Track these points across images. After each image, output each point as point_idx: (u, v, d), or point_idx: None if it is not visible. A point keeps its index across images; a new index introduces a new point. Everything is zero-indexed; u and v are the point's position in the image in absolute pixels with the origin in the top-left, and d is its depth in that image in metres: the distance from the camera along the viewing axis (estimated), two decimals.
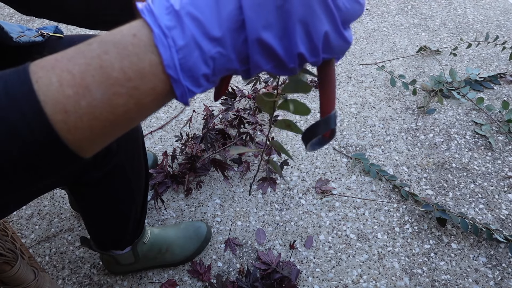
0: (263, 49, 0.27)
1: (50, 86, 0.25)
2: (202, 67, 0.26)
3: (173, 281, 0.97)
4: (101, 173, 0.67)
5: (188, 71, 0.26)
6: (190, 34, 0.25)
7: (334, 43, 0.28)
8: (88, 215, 0.79)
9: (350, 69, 1.57)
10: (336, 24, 0.27)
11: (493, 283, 0.97)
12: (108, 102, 0.25)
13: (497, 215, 1.10)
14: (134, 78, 0.25)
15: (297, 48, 0.27)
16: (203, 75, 0.27)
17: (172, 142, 1.31)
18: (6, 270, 0.63)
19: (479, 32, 1.74)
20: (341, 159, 1.25)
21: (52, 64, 0.25)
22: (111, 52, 0.25)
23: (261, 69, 0.28)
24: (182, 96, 0.27)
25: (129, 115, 0.27)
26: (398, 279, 0.98)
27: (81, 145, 0.26)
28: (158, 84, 0.26)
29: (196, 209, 1.12)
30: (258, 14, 0.25)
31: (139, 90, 0.26)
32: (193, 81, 0.27)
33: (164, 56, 0.25)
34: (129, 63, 0.25)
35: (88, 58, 0.25)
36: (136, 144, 0.73)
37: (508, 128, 1.31)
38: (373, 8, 1.90)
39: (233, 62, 0.27)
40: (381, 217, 1.10)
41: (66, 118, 0.25)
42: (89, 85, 0.25)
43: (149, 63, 0.25)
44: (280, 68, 0.28)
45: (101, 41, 0.26)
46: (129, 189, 0.75)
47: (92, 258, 1.02)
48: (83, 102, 0.25)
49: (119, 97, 0.26)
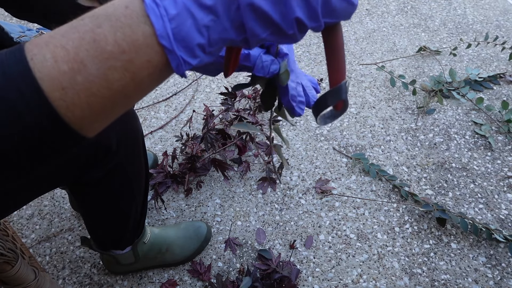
0: (258, 15, 0.26)
1: (44, 62, 0.24)
2: (196, 36, 0.25)
3: (173, 281, 0.97)
4: (102, 172, 0.67)
5: (182, 41, 0.25)
6: (181, 2, 0.25)
7: (335, 5, 0.26)
8: (89, 215, 0.79)
9: (350, 69, 1.57)
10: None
11: (493, 282, 0.97)
12: (104, 77, 0.25)
13: (496, 215, 1.10)
14: (128, 51, 0.25)
15: (294, 13, 0.25)
16: (198, 44, 0.26)
17: (172, 142, 1.31)
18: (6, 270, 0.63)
19: (478, 32, 1.74)
20: (341, 159, 1.25)
21: (46, 40, 0.25)
22: (104, 25, 0.25)
23: (259, 37, 0.27)
24: (177, 67, 0.26)
25: (127, 91, 0.26)
26: (398, 279, 0.98)
27: (81, 123, 0.26)
28: (153, 56, 0.25)
29: (196, 209, 1.13)
30: None
31: (134, 63, 0.25)
32: (188, 51, 0.26)
33: (156, 26, 0.25)
34: (122, 35, 0.25)
35: (81, 33, 0.25)
36: (136, 144, 0.73)
37: (507, 128, 1.32)
38: (373, 8, 1.90)
39: (228, 31, 0.26)
40: (381, 217, 1.10)
41: (64, 94, 0.24)
42: (83, 59, 0.24)
43: (142, 34, 0.25)
44: (279, 34, 0.27)
45: (93, 15, 0.25)
46: (129, 189, 0.75)
47: (93, 258, 1.03)
48: (79, 78, 0.24)
49: (114, 71, 0.25)
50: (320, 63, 1.60)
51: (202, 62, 0.27)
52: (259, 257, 1.01)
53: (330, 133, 1.33)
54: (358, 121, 1.37)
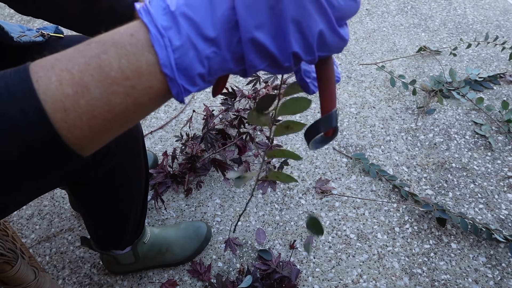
0: (257, 48, 0.27)
1: (50, 85, 0.25)
2: (198, 66, 0.26)
3: (173, 281, 0.97)
4: (101, 173, 0.67)
5: (184, 70, 0.26)
6: (185, 34, 0.26)
7: (329, 41, 0.28)
8: (88, 215, 0.79)
9: (350, 69, 1.57)
10: (331, 22, 0.27)
11: (493, 283, 0.97)
12: (107, 101, 0.26)
13: (496, 215, 1.10)
14: (131, 77, 0.26)
15: (291, 47, 0.27)
16: (199, 74, 0.27)
17: (172, 142, 1.31)
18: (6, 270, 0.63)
19: (478, 32, 1.74)
20: (341, 159, 1.25)
21: (52, 63, 0.26)
22: (109, 52, 0.26)
23: (256, 68, 0.28)
24: (178, 95, 0.27)
25: (127, 114, 0.27)
26: (398, 279, 0.98)
27: (80, 143, 0.27)
28: (154, 83, 0.26)
29: (196, 209, 1.12)
30: (251, 14, 0.26)
31: (136, 89, 0.26)
32: (189, 80, 0.27)
33: (160, 56, 0.26)
34: (127, 62, 0.26)
35: (87, 58, 0.26)
36: (136, 144, 0.73)
37: (507, 128, 1.32)
38: (373, 8, 1.90)
39: (228, 62, 0.27)
40: (381, 217, 1.10)
41: (66, 116, 0.25)
42: (88, 84, 0.25)
43: (146, 62, 0.26)
44: (275, 66, 0.28)
45: (100, 41, 0.26)
46: (129, 189, 0.75)
47: (92, 258, 1.03)
48: (82, 101, 0.25)
49: (117, 96, 0.26)
50: None
51: (200, 90, 0.28)
52: (259, 257, 1.01)
53: None
54: (358, 121, 1.37)
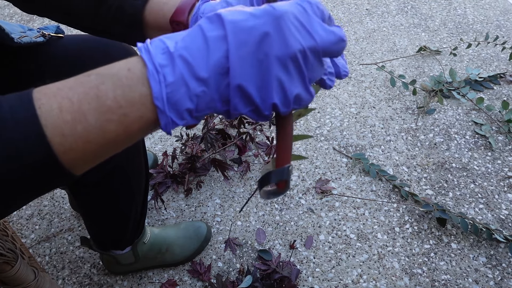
0: (242, 95, 0.30)
1: (51, 112, 0.28)
2: (187, 102, 0.29)
3: (173, 281, 0.97)
4: (101, 173, 0.67)
5: (173, 104, 0.29)
6: (179, 73, 0.29)
7: (303, 98, 0.32)
8: (88, 215, 0.79)
9: (350, 69, 1.57)
10: (306, 85, 0.31)
11: (493, 283, 0.97)
12: (101, 128, 0.29)
13: (497, 215, 1.10)
14: (125, 106, 0.29)
15: (272, 99, 0.30)
16: (187, 109, 0.29)
17: (172, 142, 1.31)
18: (6, 270, 0.63)
19: (479, 32, 1.74)
20: (341, 159, 1.25)
21: (54, 92, 0.29)
22: (107, 83, 0.29)
23: (239, 111, 0.31)
24: (165, 126, 0.30)
25: (118, 140, 0.30)
26: (398, 279, 0.98)
27: (74, 164, 0.30)
28: (146, 113, 0.29)
29: (196, 209, 1.12)
30: (242, 66, 0.29)
31: (128, 117, 0.29)
32: (177, 114, 0.29)
33: (154, 89, 0.28)
34: (121, 92, 0.29)
35: (87, 88, 0.29)
36: (136, 144, 0.73)
37: (508, 128, 1.32)
38: (373, 8, 1.90)
39: (215, 102, 0.30)
40: (381, 217, 1.10)
41: (64, 140, 0.28)
42: (85, 111, 0.28)
43: (139, 94, 0.29)
44: (255, 113, 0.31)
45: (99, 73, 0.29)
46: (129, 189, 0.75)
47: (92, 258, 1.02)
48: (79, 127, 0.28)
49: (110, 123, 0.29)
50: None
51: (187, 124, 0.31)
52: (259, 257, 1.01)
53: (330, 133, 1.33)
54: (358, 121, 1.37)
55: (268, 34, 0.28)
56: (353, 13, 1.88)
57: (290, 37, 0.29)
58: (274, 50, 0.29)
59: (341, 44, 0.31)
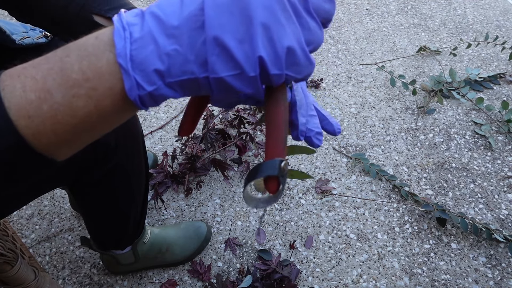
0: (221, 50, 0.25)
1: (14, 92, 0.25)
2: (156, 62, 0.25)
3: (173, 281, 0.97)
4: (101, 173, 0.67)
5: (139, 64, 0.25)
6: (147, 28, 0.25)
7: (299, 59, 0.27)
8: (89, 214, 0.79)
9: (350, 69, 1.57)
10: (301, 40, 0.26)
11: (493, 283, 0.97)
12: (69, 105, 0.26)
13: (496, 215, 1.10)
14: (92, 78, 0.26)
15: (258, 51, 0.25)
16: (156, 70, 0.26)
17: (172, 142, 1.31)
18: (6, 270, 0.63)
19: (478, 32, 1.74)
20: (341, 159, 1.25)
21: (19, 71, 0.26)
22: (72, 55, 0.26)
23: (218, 74, 0.26)
24: (130, 90, 0.26)
25: (91, 119, 0.27)
26: (398, 279, 0.98)
27: (48, 149, 0.27)
28: (115, 83, 0.26)
29: (196, 209, 1.12)
30: (219, 14, 0.25)
31: (97, 90, 0.26)
32: (144, 75, 0.26)
33: (117, 46, 0.25)
34: (87, 63, 0.26)
35: (51, 63, 0.26)
36: (136, 144, 0.73)
37: (507, 128, 1.32)
38: (373, 8, 1.90)
39: (191, 63, 0.26)
40: (381, 217, 1.10)
41: (30, 123, 0.26)
42: (50, 88, 0.25)
43: (106, 61, 0.26)
44: (240, 78, 0.26)
45: (66, 47, 0.27)
46: (129, 189, 0.75)
47: (92, 258, 1.03)
48: (44, 106, 0.25)
49: (78, 99, 0.26)
50: (320, 63, 1.60)
51: (159, 92, 0.26)
52: (259, 257, 1.01)
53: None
54: (358, 121, 1.37)
55: None
56: (353, 13, 1.88)
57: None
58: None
59: (332, 4, 0.28)
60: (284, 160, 0.28)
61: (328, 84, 1.51)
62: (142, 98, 0.26)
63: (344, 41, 1.71)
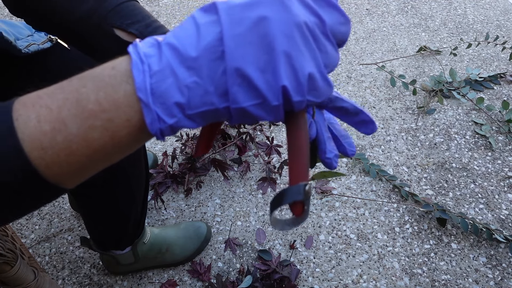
0: (243, 81, 0.25)
1: (28, 123, 0.25)
2: (176, 94, 0.25)
3: (173, 281, 0.97)
4: (101, 173, 0.67)
5: (159, 97, 0.25)
6: (166, 60, 0.25)
7: (319, 84, 0.26)
8: (88, 215, 0.79)
9: (350, 69, 1.57)
10: (320, 65, 0.26)
11: (493, 283, 0.97)
12: (84, 136, 0.25)
13: (497, 215, 1.10)
14: (108, 109, 0.25)
15: (281, 81, 0.25)
16: (177, 103, 0.25)
17: (172, 142, 1.31)
18: (6, 270, 0.63)
19: (479, 32, 1.74)
20: (341, 159, 1.25)
21: (33, 101, 0.26)
22: (88, 85, 0.25)
23: (240, 105, 0.25)
24: (152, 124, 0.25)
25: (106, 150, 0.27)
26: (398, 279, 0.98)
27: (60, 179, 0.27)
28: (132, 115, 0.26)
29: (196, 209, 1.12)
30: (238, 45, 0.24)
31: (113, 122, 0.25)
32: (165, 108, 0.25)
33: (136, 80, 0.25)
34: (104, 94, 0.25)
35: (67, 93, 0.25)
36: None
37: (508, 128, 1.31)
38: (373, 8, 1.90)
39: (211, 95, 0.25)
40: (381, 217, 1.10)
41: (44, 154, 0.25)
42: (65, 119, 0.25)
43: (123, 93, 0.25)
44: (262, 107, 0.26)
45: (81, 76, 0.26)
46: (129, 189, 0.75)
47: (92, 258, 1.02)
48: (59, 137, 0.25)
49: (94, 130, 0.25)
50: None
51: (180, 124, 0.26)
52: (259, 257, 1.01)
53: None
54: None
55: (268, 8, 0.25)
56: (353, 13, 1.88)
57: (293, 8, 0.25)
58: (277, 22, 0.24)
59: (347, 26, 0.28)
60: (308, 184, 0.28)
61: None
62: (163, 131, 0.26)
63: None
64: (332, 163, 0.35)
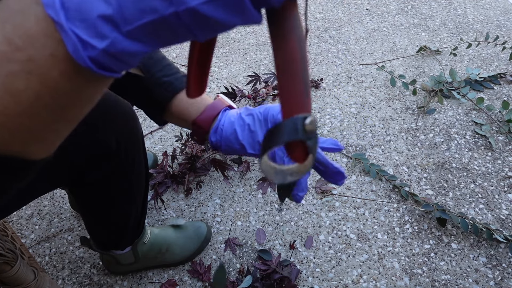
0: None
1: None
2: (98, 3, 0.18)
3: (173, 281, 0.97)
4: (101, 173, 0.67)
5: (76, 11, 0.18)
6: None
7: None
8: (88, 215, 0.79)
9: (350, 69, 1.57)
10: None
11: (493, 283, 0.97)
12: (7, 89, 0.19)
13: (497, 215, 1.10)
14: (22, 46, 0.19)
15: None
16: (103, 17, 0.18)
17: (172, 142, 1.31)
18: (6, 270, 0.63)
19: (479, 32, 1.74)
20: (341, 159, 1.25)
21: None
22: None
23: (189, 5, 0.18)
24: (75, 51, 0.19)
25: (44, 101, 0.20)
26: (398, 279, 0.98)
27: (8, 148, 0.21)
28: (55, 46, 0.19)
29: (196, 209, 1.12)
30: None
31: (35, 61, 0.19)
32: (88, 27, 0.18)
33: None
34: (11, 26, 0.19)
35: None
36: (136, 144, 0.72)
37: (508, 128, 1.31)
38: (373, 8, 1.90)
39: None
40: (381, 217, 1.10)
41: None
42: None
43: (35, 18, 0.19)
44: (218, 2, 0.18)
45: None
46: (129, 189, 0.75)
47: (92, 258, 1.02)
48: None
49: (15, 78, 0.19)
50: (320, 63, 1.60)
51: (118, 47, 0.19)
52: (259, 257, 1.01)
53: (330, 133, 1.33)
54: (358, 121, 1.36)
55: None
56: (353, 13, 1.88)
57: None
58: None
59: None
60: (309, 116, 0.19)
61: (328, 84, 1.51)
62: (96, 60, 0.19)
63: (344, 41, 1.71)
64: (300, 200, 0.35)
